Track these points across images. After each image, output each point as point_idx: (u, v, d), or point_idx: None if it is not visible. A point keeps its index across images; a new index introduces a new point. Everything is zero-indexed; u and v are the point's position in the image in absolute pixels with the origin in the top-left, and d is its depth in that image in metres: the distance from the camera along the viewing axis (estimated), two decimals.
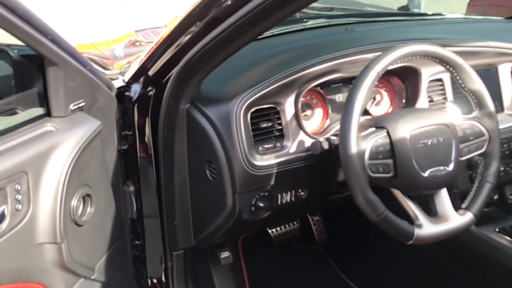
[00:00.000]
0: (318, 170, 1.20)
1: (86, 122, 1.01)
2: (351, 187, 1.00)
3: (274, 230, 1.65)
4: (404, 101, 1.33)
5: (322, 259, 1.81)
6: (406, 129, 1.05)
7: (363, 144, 1.01)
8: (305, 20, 1.71)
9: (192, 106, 1.16)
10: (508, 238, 1.34)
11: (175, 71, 1.12)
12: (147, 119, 1.25)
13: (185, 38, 1.04)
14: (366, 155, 1.01)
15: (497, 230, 1.38)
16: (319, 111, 1.27)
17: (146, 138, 1.27)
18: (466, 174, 1.37)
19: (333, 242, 1.81)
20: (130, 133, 1.30)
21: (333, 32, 1.59)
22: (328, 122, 1.26)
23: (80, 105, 1.00)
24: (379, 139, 1.03)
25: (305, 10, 2.29)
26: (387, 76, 1.32)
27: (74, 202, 0.97)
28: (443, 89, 1.36)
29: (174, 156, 1.22)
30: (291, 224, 1.67)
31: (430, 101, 1.34)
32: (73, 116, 0.98)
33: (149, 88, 1.24)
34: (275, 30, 1.55)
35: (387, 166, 1.03)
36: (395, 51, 1.05)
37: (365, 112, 1.29)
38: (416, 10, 4.43)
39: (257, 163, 1.12)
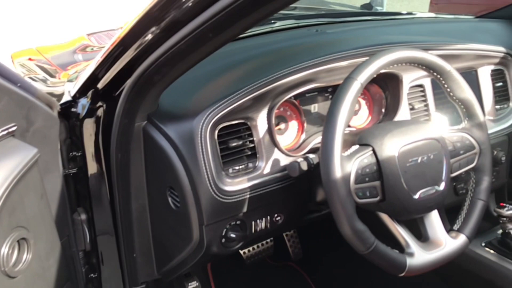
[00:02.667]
0: (295, 191, 1.06)
1: (18, 150, 0.82)
2: (336, 216, 0.86)
3: (246, 250, 1.50)
4: (383, 110, 1.20)
5: (298, 275, 1.67)
6: (393, 146, 0.91)
7: (347, 166, 0.87)
8: (272, 21, 1.56)
9: (150, 124, 0.99)
10: (495, 253, 1.24)
11: (128, 84, 0.94)
12: (97, 138, 1.06)
13: (138, 46, 0.87)
14: (352, 179, 0.87)
15: (483, 244, 1.28)
16: (293, 124, 1.12)
17: (97, 159, 1.09)
18: (451, 185, 1.26)
19: (309, 258, 1.68)
20: (79, 154, 1.11)
21: (303, 34, 1.44)
22: (304, 136, 1.11)
23: (10, 130, 0.81)
24: (364, 158, 0.90)
25: None
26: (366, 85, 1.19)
27: (4, 250, 0.78)
28: (424, 95, 1.25)
29: (130, 181, 1.04)
30: (264, 242, 1.52)
31: (411, 109, 1.22)
32: (1, 144, 0.79)
33: (99, 104, 1.05)
34: None
35: (374, 189, 0.90)
36: (379, 59, 0.91)
37: None
38: (379, 8, 4.36)
39: (227, 188, 0.96)
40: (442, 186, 0.95)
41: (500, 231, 1.28)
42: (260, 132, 1.02)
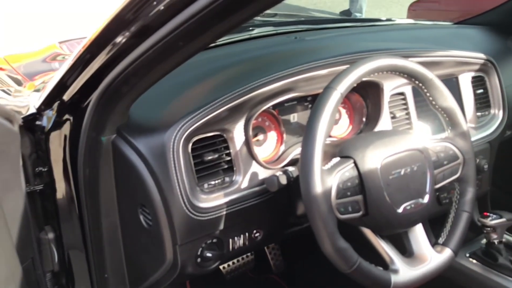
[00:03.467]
0: (275, 206, 1.00)
1: None
2: (317, 234, 0.81)
3: (225, 265, 1.43)
4: (364, 119, 1.16)
5: None
6: (375, 158, 0.87)
7: (328, 180, 0.82)
8: (250, 28, 1.52)
9: (119, 137, 0.92)
10: (480, 263, 1.21)
11: (95, 95, 0.88)
12: (64, 153, 0.99)
13: (105, 55, 0.81)
14: (333, 194, 0.82)
15: (467, 255, 1.24)
16: (272, 135, 1.07)
17: (65, 175, 1.02)
18: (434, 197, 1.22)
19: (291, 270, 1.63)
20: (46, 169, 1.04)
21: (282, 42, 1.40)
22: (283, 147, 1.06)
23: None
24: (345, 172, 0.85)
25: None
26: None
27: None
28: (405, 103, 1.21)
29: (100, 198, 0.97)
30: (244, 256, 1.46)
31: (392, 117, 1.18)
32: None
33: (66, 116, 0.98)
34: (218, 40, 1.33)
35: (356, 204, 0.85)
36: (359, 68, 0.87)
37: None
38: (358, 15, 4.38)
39: (202, 205, 0.90)
40: (426, 198, 0.91)
41: (484, 241, 1.24)
42: (237, 144, 0.96)
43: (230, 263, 1.44)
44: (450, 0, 3.13)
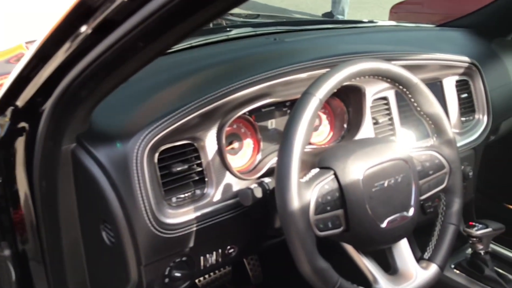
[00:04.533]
0: (250, 219, 0.93)
1: None
2: (294, 253, 0.74)
3: (201, 278, 1.35)
4: (345, 125, 1.09)
5: None
6: (357, 169, 0.80)
7: (306, 194, 0.75)
8: (228, 29, 1.44)
9: (79, 147, 0.84)
10: (465, 275, 1.15)
11: (51, 100, 0.79)
12: (20, 164, 0.90)
13: (60, 55, 0.72)
14: (312, 209, 0.75)
15: (452, 266, 1.18)
16: (248, 143, 0.99)
17: (21, 187, 0.92)
18: (420, 209, 1.16)
19: (270, 280, 1.55)
20: (0, 181, 0.94)
21: (260, 43, 1.33)
22: (259, 156, 0.98)
23: None
24: (325, 184, 0.78)
25: (230, 17, 2.02)
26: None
27: None
28: (388, 108, 1.15)
29: (59, 212, 0.88)
30: (221, 269, 1.38)
31: (375, 123, 1.12)
32: None
33: (21, 124, 0.89)
34: (193, 41, 1.25)
35: (337, 219, 0.78)
36: (339, 72, 0.79)
37: None
38: (340, 17, 4.34)
39: (170, 221, 0.82)
40: (411, 211, 0.84)
41: (469, 251, 1.19)
42: (209, 154, 0.88)
43: (206, 276, 1.35)
44: (432, 2, 3.11)
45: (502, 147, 1.54)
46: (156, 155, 0.82)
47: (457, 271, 1.17)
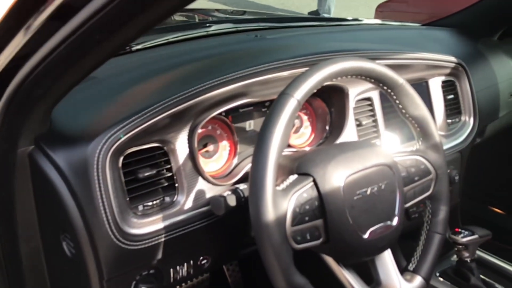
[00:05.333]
0: (225, 228, 0.86)
1: None
2: (268, 269, 0.68)
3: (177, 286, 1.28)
4: (328, 127, 1.03)
5: None
6: (338, 175, 0.74)
7: (283, 204, 0.69)
8: (208, 24, 1.37)
9: (37, 149, 0.76)
10: (451, 284, 1.10)
11: (3, 99, 0.71)
12: None
13: (10, 49, 0.65)
14: (288, 220, 0.69)
15: (437, 274, 1.14)
16: (224, 145, 0.93)
17: None
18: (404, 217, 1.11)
19: (250, 287, 1.49)
20: None
21: (241, 40, 1.26)
22: (236, 160, 0.92)
23: None
24: (303, 193, 0.72)
25: (215, 14, 1.95)
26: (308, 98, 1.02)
27: None
28: (372, 109, 1.09)
29: (17, 221, 0.81)
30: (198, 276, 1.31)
31: (358, 125, 1.06)
32: None
33: None
34: (170, 36, 1.18)
35: (316, 230, 0.72)
36: (319, 71, 0.73)
37: None
38: (326, 15, 4.28)
39: (135, 231, 0.75)
40: (395, 221, 0.79)
41: (455, 257, 1.14)
42: (180, 158, 0.81)
43: (183, 283, 1.28)
44: (418, 1, 3.07)
45: (487, 149, 1.50)
46: (121, 159, 0.75)
47: (442, 279, 1.12)
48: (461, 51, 1.37)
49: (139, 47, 1.12)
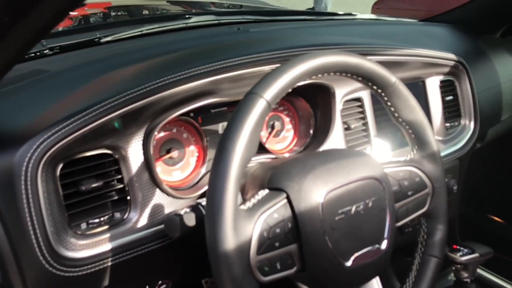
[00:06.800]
0: (187, 248, 0.73)
1: None
2: None
3: None
4: (311, 131, 0.91)
5: None
6: (317, 191, 0.61)
7: (247, 227, 0.56)
8: (187, 16, 1.24)
9: None
10: None
11: None
12: None
13: None
14: (253, 247, 0.56)
15: None
16: (192, 151, 0.80)
17: None
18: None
19: None
20: None
21: (221, 32, 1.13)
22: (204, 169, 0.79)
23: None
24: (274, 213, 0.59)
25: (209, 7, 1.81)
26: (289, 97, 0.89)
27: None
28: (363, 111, 0.97)
29: None
30: None
31: (346, 129, 0.93)
32: None
33: None
34: (144, 28, 1.06)
35: (288, 257, 0.59)
36: (293, 67, 0.60)
37: (260, 147, 0.84)
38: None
39: (75, 254, 0.62)
40: (384, 244, 0.66)
41: (452, 276, 1.02)
42: (133, 167, 0.69)
43: None
44: None
45: (488, 155, 1.38)
46: (59, 168, 0.62)
47: None
48: (461, 49, 1.25)
49: (108, 39, 0.99)
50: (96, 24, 1.44)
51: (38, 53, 0.91)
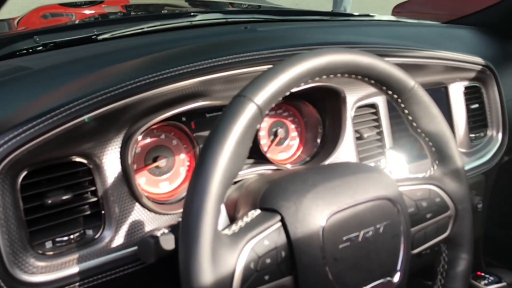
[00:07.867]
0: (168, 272, 0.64)
1: None
2: None
3: None
4: (319, 140, 0.81)
5: None
6: (318, 214, 0.51)
7: (229, 257, 0.46)
8: (193, 14, 1.16)
9: None
10: None
11: None
12: None
13: None
14: (237, 282, 0.46)
15: None
16: (182, 160, 0.71)
17: None
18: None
19: None
20: None
21: (226, 31, 1.05)
22: None
23: None
24: (265, 239, 0.49)
25: (227, 8, 1.74)
26: (294, 101, 0.79)
27: None
28: (377, 119, 0.86)
29: None
30: None
31: (358, 138, 0.83)
32: None
33: None
34: (145, 26, 0.98)
35: None
36: (292, 67, 0.50)
37: (260, 157, 0.74)
38: None
39: (35, 278, 0.54)
40: (397, 277, 0.56)
41: None
42: (109, 178, 0.60)
43: None
44: (440, 1, 2.81)
45: None
46: (20, 178, 0.54)
47: None
48: (489, 53, 1.13)
49: (106, 36, 0.92)
50: (95, 21, 1.38)
51: (30, 50, 0.85)
